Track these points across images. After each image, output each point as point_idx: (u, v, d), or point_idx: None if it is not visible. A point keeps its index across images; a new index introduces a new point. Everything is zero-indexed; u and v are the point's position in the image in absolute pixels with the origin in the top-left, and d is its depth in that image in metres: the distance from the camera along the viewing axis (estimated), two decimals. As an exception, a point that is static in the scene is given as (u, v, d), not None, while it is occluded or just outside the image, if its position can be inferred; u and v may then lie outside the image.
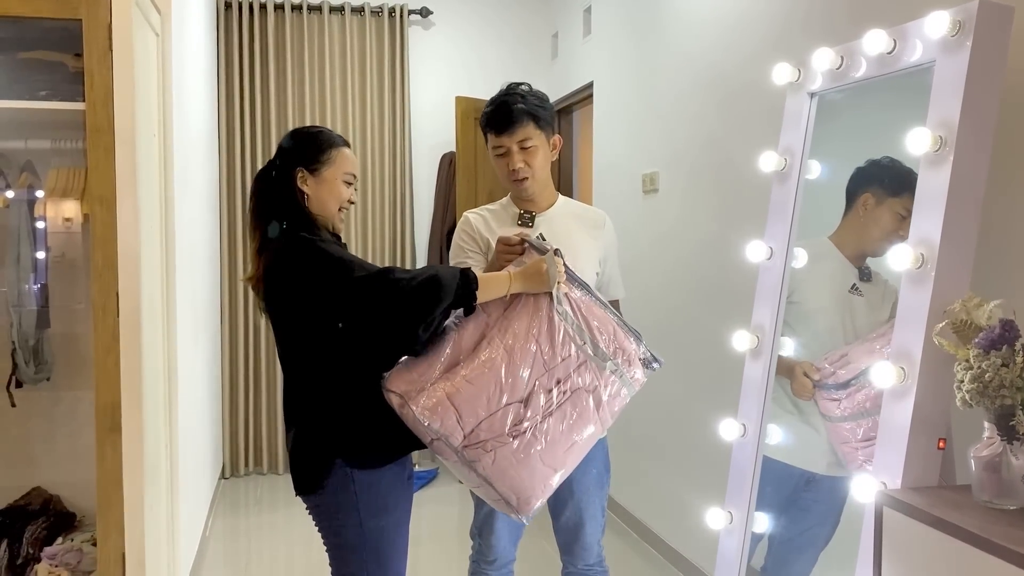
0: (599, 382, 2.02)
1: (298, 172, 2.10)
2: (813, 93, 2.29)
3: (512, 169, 2.30)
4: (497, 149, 2.32)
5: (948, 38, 1.82)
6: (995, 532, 1.44)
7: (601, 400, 2.02)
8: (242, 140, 5.16)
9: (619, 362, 2.04)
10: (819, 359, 2.27)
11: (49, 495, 2.72)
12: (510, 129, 2.27)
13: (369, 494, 2.00)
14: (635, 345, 2.08)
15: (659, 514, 3.95)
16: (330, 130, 2.23)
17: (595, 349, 2.02)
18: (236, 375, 5.17)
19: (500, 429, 1.93)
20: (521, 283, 2.01)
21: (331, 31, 5.28)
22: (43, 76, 2.44)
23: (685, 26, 3.68)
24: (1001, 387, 1.52)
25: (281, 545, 4.10)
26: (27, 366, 2.61)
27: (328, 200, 2.11)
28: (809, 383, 2.25)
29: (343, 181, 2.13)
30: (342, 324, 1.98)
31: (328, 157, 2.12)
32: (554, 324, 2.00)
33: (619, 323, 2.07)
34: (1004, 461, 1.55)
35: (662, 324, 3.81)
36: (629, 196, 4.22)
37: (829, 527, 2.24)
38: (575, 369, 2.00)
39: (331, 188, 2.11)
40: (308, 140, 2.15)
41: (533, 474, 1.95)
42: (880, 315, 2.17)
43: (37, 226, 2.72)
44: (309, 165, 2.11)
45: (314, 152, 2.12)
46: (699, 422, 3.33)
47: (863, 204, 2.21)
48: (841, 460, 2.19)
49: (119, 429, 2.19)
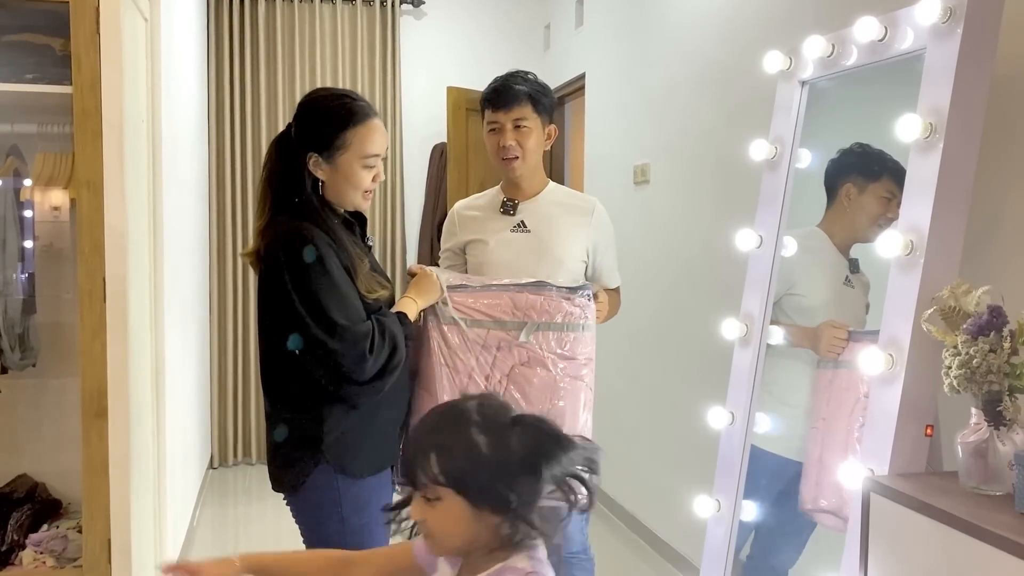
0: (533, 348, 2.07)
1: (310, 157, 1.89)
2: (804, 81, 2.29)
3: (502, 146, 2.29)
4: (491, 124, 2.32)
5: (939, 25, 1.81)
6: (981, 517, 1.44)
7: (545, 359, 2.07)
8: (232, 128, 5.13)
9: (536, 319, 2.08)
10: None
11: (35, 482, 2.70)
12: (507, 106, 2.28)
13: (352, 491, 1.93)
14: (548, 291, 2.11)
15: (646, 502, 3.96)
16: (351, 98, 1.93)
17: (502, 325, 2.07)
18: (225, 364, 5.15)
19: None
20: (422, 299, 2.04)
21: (322, 20, 5.26)
22: (30, 59, 2.42)
23: (677, 17, 3.67)
24: (989, 373, 1.52)
25: (269, 535, 4.08)
26: (12, 352, 2.59)
27: (345, 189, 1.92)
28: (842, 332, 2.15)
29: (363, 166, 1.91)
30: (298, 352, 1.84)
31: (343, 141, 1.88)
32: (444, 335, 2.06)
33: (516, 288, 2.11)
34: (991, 447, 1.56)
35: (653, 313, 3.81)
36: (621, 187, 4.22)
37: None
38: (495, 357, 2.05)
39: (348, 175, 1.90)
40: (322, 119, 1.90)
41: None
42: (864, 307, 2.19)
43: (24, 214, 2.70)
44: (322, 151, 1.89)
45: (328, 135, 1.88)
46: (687, 410, 3.33)
47: (846, 195, 2.22)
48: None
49: (105, 415, 2.18)
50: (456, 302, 2.08)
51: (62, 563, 2.40)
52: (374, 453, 1.96)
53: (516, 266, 2.30)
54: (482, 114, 2.37)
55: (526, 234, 2.34)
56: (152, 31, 2.81)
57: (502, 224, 2.36)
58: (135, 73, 2.52)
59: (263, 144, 5.12)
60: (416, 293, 2.05)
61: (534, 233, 2.34)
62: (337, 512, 1.93)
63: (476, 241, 2.37)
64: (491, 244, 2.34)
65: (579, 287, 2.15)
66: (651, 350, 3.89)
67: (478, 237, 2.37)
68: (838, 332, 2.16)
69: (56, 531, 2.48)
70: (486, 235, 2.36)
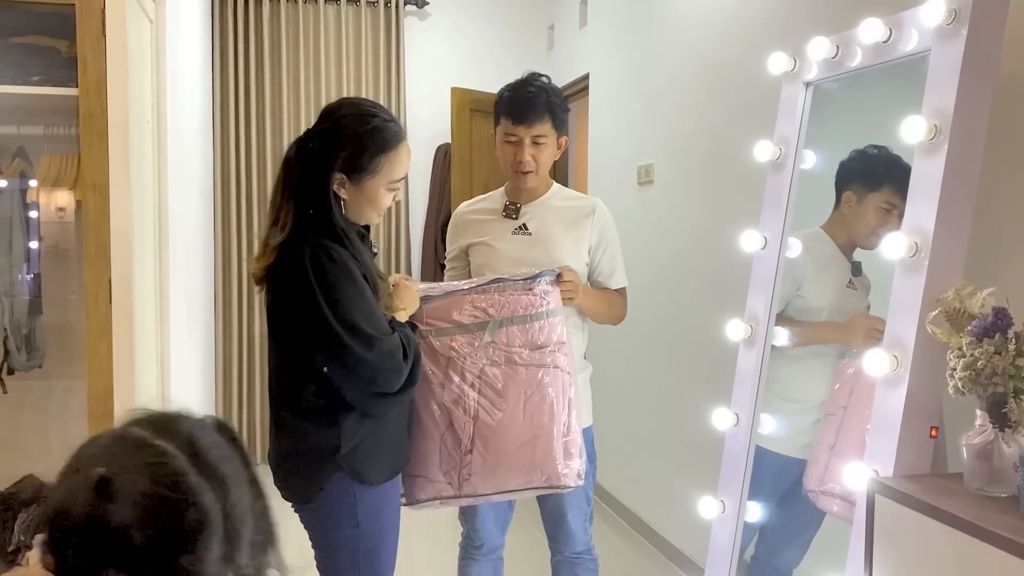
0: (499, 347, 2.09)
1: (335, 175, 1.85)
2: (809, 83, 2.29)
3: (519, 160, 2.30)
4: (509, 136, 2.31)
5: (944, 26, 1.81)
6: (986, 519, 1.44)
7: (512, 355, 2.09)
8: (237, 130, 5.14)
9: (498, 316, 2.10)
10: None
11: (41, 483, 2.71)
12: (529, 121, 2.27)
13: (367, 497, 1.93)
14: (507, 286, 2.13)
15: (651, 503, 3.96)
16: (383, 119, 1.91)
17: (466, 329, 2.09)
18: (230, 365, 5.16)
19: (456, 458, 2.06)
20: (408, 310, 2.04)
21: (327, 20, 5.26)
22: (36, 61, 2.43)
23: (681, 17, 3.67)
24: (994, 375, 1.52)
25: (274, 535, 4.09)
26: (19, 353, 2.60)
27: (366, 210, 1.92)
28: (881, 324, 2.01)
29: (388, 189, 1.91)
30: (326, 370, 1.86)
31: (375, 166, 1.86)
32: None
33: (477, 289, 2.13)
34: (996, 449, 1.56)
35: (657, 314, 3.81)
36: (624, 188, 4.22)
37: (819, 513, 2.24)
38: (464, 363, 2.07)
39: (372, 199, 1.90)
40: (354, 143, 1.85)
41: (521, 456, 2.05)
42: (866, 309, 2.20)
43: (30, 215, 2.70)
44: (350, 173, 1.86)
45: (360, 160, 1.86)
46: (692, 411, 3.33)
47: (846, 202, 2.23)
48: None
49: (111, 416, 2.19)
50: (438, 309, 2.11)
51: (68, 563, 2.41)
52: (389, 458, 1.99)
53: (517, 269, 2.30)
54: (496, 118, 2.36)
55: (528, 237, 2.34)
56: (157, 33, 2.82)
57: (504, 227, 2.37)
58: (141, 75, 2.53)
59: (268, 145, 5.13)
60: (402, 305, 2.03)
61: (536, 236, 2.34)
62: (353, 518, 1.93)
63: (478, 244, 2.38)
64: (493, 247, 2.35)
65: (538, 274, 2.14)
66: (655, 351, 3.89)
67: (480, 240, 2.38)
68: (876, 323, 2.10)
69: (62, 531, 2.48)
70: (488, 238, 2.37)
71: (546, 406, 2.08)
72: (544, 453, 2.06)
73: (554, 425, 2.07)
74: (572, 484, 2.10)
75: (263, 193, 5.15)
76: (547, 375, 2.09)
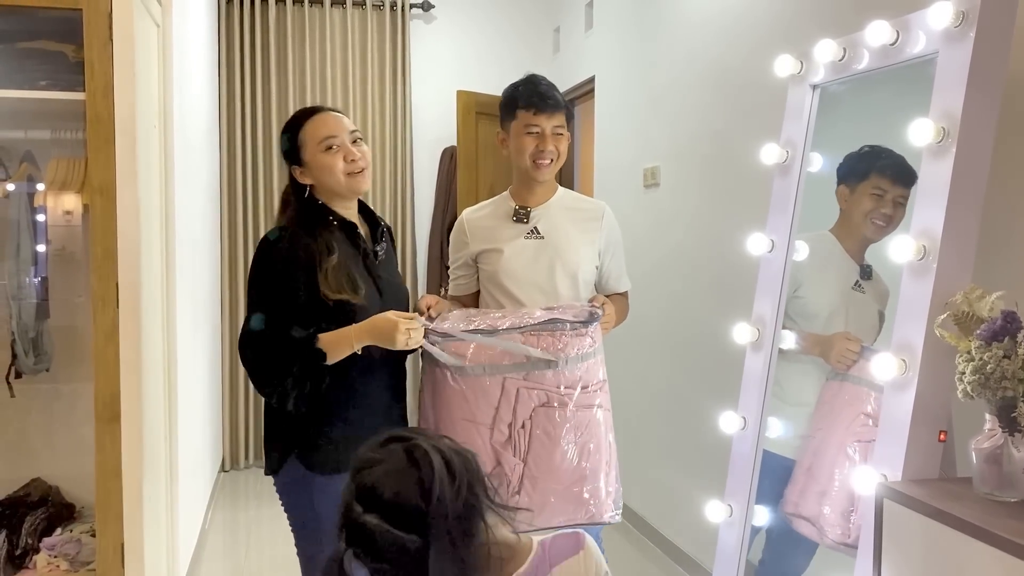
0: (554, 388, 2.05)
1: (295, 170, 2.08)
2: (815, 85, 2.28)
3: (542, 150, 2.30)
4: (531, 127, 2.30)
5: (951, 29, 1.81)
6: (996, 524, 1.44)
7: (564, 396, 2.05)
8: (243, 133, 5.15)
9: (544, 353, 2.04)
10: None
11: (48, 486, 2.72)
12: (550, 110, 2.29)
13: (324, 488, 1.98)
14: (561, 328, 2.06)
15: (658, 507, 3.95)
16: (299, 111, 2.13)
17: (519, 368, 2.03)
18: (236, 368, 5.17)
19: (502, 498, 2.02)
20: (367, 336, 1.95)
21: (332, 24, 5.27)
22: (43, 66, 2.43)
23: (687, 19, 3.67)
24: (1003, 379, 1.51)
25: (281, 538, 4.08)
26: (26, 357, 2.61)
27: (325, 179, 2.04)
28: (856, 346, 2.15)
29: (323, 151, 2.03)
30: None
31: (299, 140, 2.06)
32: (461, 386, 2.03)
33: (529, 330, 2.05)
34: (1005, 453, 1.55)
35: (663, 317, 3.80)
36: (630, 190, 4.21)
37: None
38: (519, 403, 2.03)
39: (317, 165, 2.04)
40: (282, 139, 2.11)
41: (568, 496, 2.05)
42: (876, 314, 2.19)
43: (37, 219, 2.71)
44: (293, 159, 2.07)
45: (288, 144, 2.08)
46: (699, 415, 3.32)
47: (841, 196, 2.25)
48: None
49: (118, 420, 2.19)
50: (472, 349, 2.04)
51: (76, 567, 2.41)
52: (338, 455, 1.94)
53: (531, 273, 2.30)
54: (510, 112, 2.34)
55: (540, 240, 2.34)
56: (164, 37, 2.83)
57: (515, 231, 2.35)
58: (147, 79, 2.53)
59: (274, 148, 5.14)
60: (364, 329, 1.96)
61: (548, 239, 2.34)
62: (308, 498, 2.01)
63: (490, 251, 2.36)
64: (505, 252, 2.33)
65: (591, 317, 2.11)
66: (662, 354, 3.88)
67: (491, 246, 2.36)
68: (851, 345, 2.16)
69: (70, 535, 2.49)
70: (500, 243, 2.35)
71: (593, 447, 2.06)
72: (591, 493, 2.06)
73: (600, 465, 2.07)
74: (611, 519, 2.10)
75: (269, 196, 5.16)
76: (595, 416, 2.07)
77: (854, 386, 2.12)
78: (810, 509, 2.16)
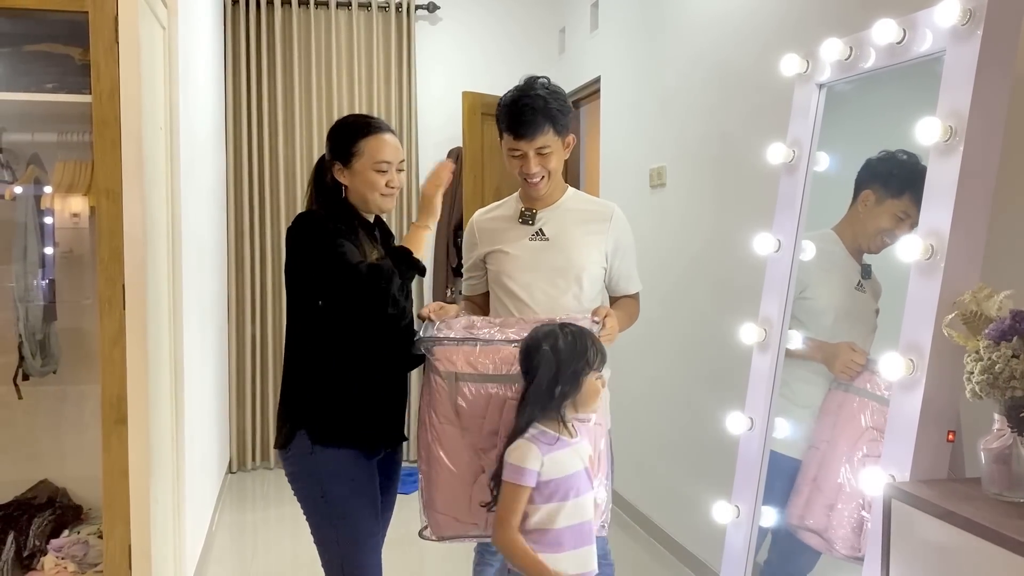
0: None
1: (335, 165, 2.20)
2: (822, 84, 2.27)
3: (527, 172, 2.29)
4: (513, 151, 2.30)
5: (958, 27, 1.80)
6: (1005, 525, 1.43)
7: None
8: (249, 135, 5.16)
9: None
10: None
11: (56, 488, 2.73)
12: (530, 135, 2.25)
13: (329, 462, 2.13)
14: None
15: (665, 509, 3.94)
16: (363, 118, 2.27)
17: (506, 380, 2.05)
18: (243, 369, 5.18)
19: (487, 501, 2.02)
20: (425, 219, 2.22)
21: (338, 26, 5.28)
22: (49, 68, 2.45)
23: (692, 19, 3.66)
24: (1011, 378, 1.50)
25: (288, 540, 4.10)
26: (34, 359, 2.62)
27: (363, 190, 2.19)
28: (861, 358, 2.14)
29: (375, 170, 2.18)
30: (321, 302, 2.12)
31: (357, 149, 2.18)
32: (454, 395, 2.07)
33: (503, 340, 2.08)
34: (1014, 453, 1.54)
35: (669, 317, 3.80)
36: (636, 190, 4.21)
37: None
38: (503, 411, 2.04)
39: (364, 179, 2.18)
40: (338, 133, 2.23)
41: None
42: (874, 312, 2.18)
43: (44, 221, 2.72)
44: (342, 159, 2.19)
45: (344, 145, 2.19)
46: (706, 416, 3.32)
47: (863, 200, 2.19)
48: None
49: (125, 421, 2.20)
50: (466, 355, 2.07)
51: (83, 568, 2.42)
52: (348, 426, 2.14)
53: (536, 275, 2.30)
54: (500, 131, 2.34)
55: (545, 242, 2.34)
56: (170, 39, 2.83)
57: (521, 233, 2.36)
58: (153, 81, 2.54)
59: (280, 149, 5.15)
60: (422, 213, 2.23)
61: (553, 241, 2.34)
62: (317, 480, 2.13)
63: (496, 252, 2.37)
64: (511, 254, 2.34)
65: (594, 325, 2.11)
66: (668, 355, 3.88)
67: (498, 247, 2.37)
68: (857, 357, 2.15)
69: (77, 536, 2.50)
70: (505, 245, 2.36)
71: (594, 456, 2.05)
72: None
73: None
74: (597, 533, 2.06)
75: (275, 197, 5.17)
76: (583, 428, 2.05)
77: (858, 399, 2.11)
78: (818, 522, 2.15)
